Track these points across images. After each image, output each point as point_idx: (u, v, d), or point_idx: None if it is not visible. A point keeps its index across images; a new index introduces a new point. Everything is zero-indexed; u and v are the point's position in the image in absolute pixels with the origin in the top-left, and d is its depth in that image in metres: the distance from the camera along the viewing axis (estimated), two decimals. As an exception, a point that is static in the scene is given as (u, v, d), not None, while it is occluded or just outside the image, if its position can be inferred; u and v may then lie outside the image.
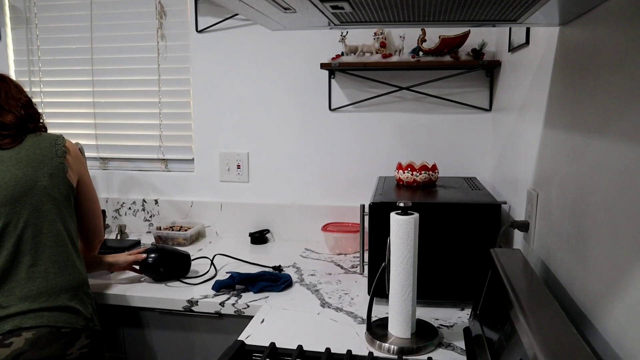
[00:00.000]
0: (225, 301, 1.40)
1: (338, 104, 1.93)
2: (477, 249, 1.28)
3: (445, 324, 1.24)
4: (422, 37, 1.73)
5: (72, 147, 1.39)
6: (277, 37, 1.92)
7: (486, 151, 1.85)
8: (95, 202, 1.47)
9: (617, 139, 0.73)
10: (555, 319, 0.75)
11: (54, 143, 1.35)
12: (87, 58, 2.10)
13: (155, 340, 1.48)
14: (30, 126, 1.35)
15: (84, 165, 1.43)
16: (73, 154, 1.38)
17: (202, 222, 2.06)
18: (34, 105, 1.39)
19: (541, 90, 1.16)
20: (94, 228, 1.48)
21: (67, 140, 1.39)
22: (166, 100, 2.07)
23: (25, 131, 1.33)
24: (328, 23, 0.99)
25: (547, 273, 1.07)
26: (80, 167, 1.40)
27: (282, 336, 1.18)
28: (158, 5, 2.01)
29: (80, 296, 1.29)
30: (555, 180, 1.03)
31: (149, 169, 2.13)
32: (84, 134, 2.14)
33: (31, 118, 1.36)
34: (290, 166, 1.99)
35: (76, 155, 1.39)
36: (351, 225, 1.91)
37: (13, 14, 2.13)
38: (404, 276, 1.11)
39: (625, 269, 0.70)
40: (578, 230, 0.89)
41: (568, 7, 0.84)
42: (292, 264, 1.72)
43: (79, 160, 1.40)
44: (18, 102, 1.34)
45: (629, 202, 0.70)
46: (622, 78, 0.73)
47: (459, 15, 0.90)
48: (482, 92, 1.83)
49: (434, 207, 1.30)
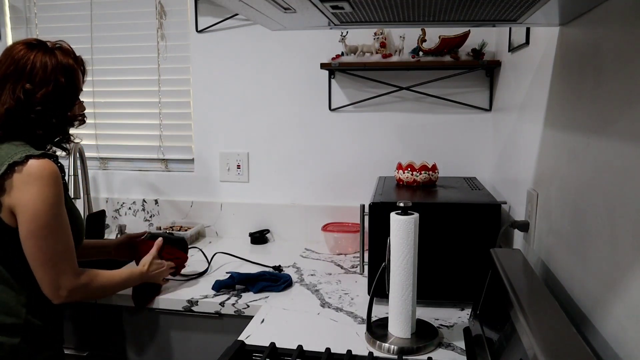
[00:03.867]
0: (225, 301, 1.40)
1: (338, 104, 1.93)
2: (477, 249, 1.28)
3: (445, 324, 1.24)
4: (422, 37, 1.73)
5: (32, 169, 1.10)
6: (277, 37, 1.92)
7: (486, 151, 1.85)
8: (38, 239, 1.11)
9: (617, 139, 0.73)
10: (555, 319, 0.75)
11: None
12: (87, 58, 2.08)
13: (155, 340, 1.48)
14: (39, 132, 1.19)
15: (37, 194, 1.10)
16: (22, 177, 1.10)
17: (202, 222, 2.06)
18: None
19: (541, 90, 1.16)
20: (35, 273, 1.13)
21: (32, 160, 1.11)
22: (166, 100, 2.07)
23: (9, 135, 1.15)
24: (328, 23, 0.99)
25: (547, 273, 1.07)
26: (23, 195, 1.10)
27: (282, 336, 1.18)
28: (158, 5, 2.01)
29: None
30: (555, 180, 1.03)
31: (149, 169, 2.13)
32: (84, 134, 2.14)
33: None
34: (290, 166, 1.99)
35: (26, 181, 1.10)
36: (351, 225, 1.91)
37: (13, 14, 2.13)
38: (404, 276, 1.11)
39: (625, 269, 0.70)
40: (578, 230, 0.89)
41: (568, 7, 0.84)
42: (292, 264, 1.72)
43: (26, 186, 1.10)
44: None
45: (629, 202, 0.69)
46: (622, 78, 0.73)
47: (459, 15, 0.90)
48: (482, 92, 1.83)
49: (434, 207, 1.30)
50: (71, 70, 1.21)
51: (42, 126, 1.19)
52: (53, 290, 1.15)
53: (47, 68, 1.16)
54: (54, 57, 1.18)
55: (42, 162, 1.12)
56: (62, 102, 1.20)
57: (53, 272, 1.14)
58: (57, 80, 1.17)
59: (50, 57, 1.17)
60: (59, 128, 1.24)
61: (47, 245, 1.12)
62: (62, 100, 1.20)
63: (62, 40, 1.23)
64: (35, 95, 1.15)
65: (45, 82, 1.16)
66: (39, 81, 1.16)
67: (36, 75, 1.15)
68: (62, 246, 1.15)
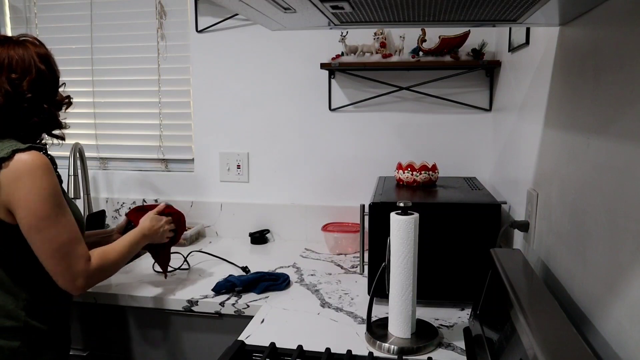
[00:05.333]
0: (225, 301, 1.40)
1: (338, 104, 1.93)
2: (477, 249, 1.28)
3: (445, 324, 1.24)
4: (422, 37, 1.73)
5: (20, 163, 1.09)
6: (277, 37, 1.92)
7: (486, 151, 1.85)
8: (40, 232, 1.10)
9: (617, 139, 0.73)
10: (555, 319, 0.75)
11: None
12: (87, 58, 2.10)
13: (156, 340, 1.48)
14: (35, 120, 1.17)
15: (31, 187, 1.08)
16: (11, 173, 1.08)
17: (202, 222, 2.06)
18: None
19: (541, 90, 1.16)
20: (47, 268, 1.13)
21: (21, 154, 1.09)
22: (166, 100, 2.07)
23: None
24: (328, 23, 0.99)
25: (547, 273, 1.07)
26: (16, 191, 1.08)
27: (282, 336, 1.18)
28: (158, 5, 2.01)
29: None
30: (555, 180, 1.03)
31: (149, 169, 2.13)
32: (84, 134, 2.14)
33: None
34: (290, 166, 1.99)
35: (16, 176, 1.08)
36: (351, 225, 1.91)
37: (13, 14, 2.13)
38: (404, 276, 1.11)
39: (625, 269, 0.70)
40: (578, 230, 0.89)
41: (568, 7, 0.84)
42: (292, 264, 1.72)
43: (18, 181, 1.08)
44: None
45: (629, 202, 0.69)
46: (622, 78, 0.73)
47: (459, 15, 0.90)
48: (482, 92, 1.83)
49: (434, 207, 1.30)
50: (47, 57, 1.21)
51: (37, 113, 1.18)
52: (70, 282, 1.13)
53: (25, 58, 1.16)
54: (27, 48, 1.18)
55: (30, 154, 1.10)
56: (47, 87, 1.20)
57: (65, 263, 1.12)
58: (38, 68, 1.17)
59: (24, 49, 1.17)
60: (52, 114, 1.22)
61: (51, 237, 1.10)
62: (46, 86, 1.20)
63: (25, 34, 1.24)
64: (21, 84, 1.14)
65: (28, 71, 1.16)
66: (22, 71, 1.15)
67: (17, 66, 1.15)
68: (68, 235, 1.12)
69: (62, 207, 1.14)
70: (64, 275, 1.12)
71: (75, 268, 1.13)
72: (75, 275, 1.13)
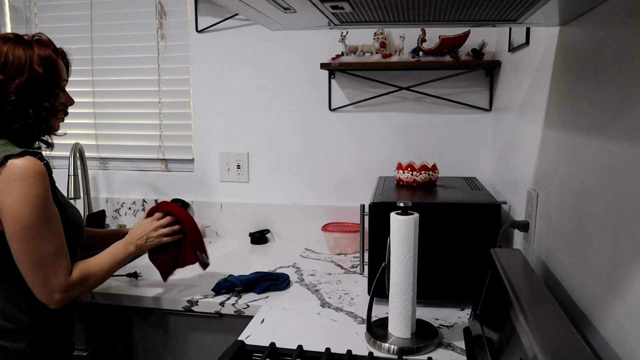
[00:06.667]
0: (225, 301, 1.40)
1: (338, 104, 1.93)
2: (477, 249, 1.28)
3: (445, 324, 1.24)
4: (422, 37, 1.73)
5: (12, 169, 1.06)
6: (277, 37, 1.92)
7: (486, 151, 1.85)
8: (21, 242, 1.06)
9: (617, 139, 0.73)
10: (555, 319, 0.75)
11: None
12: (87, 58, 2.10)
13: (156, 340, 1.48)
14: (15, 126, 1.13)
15: (20, 195, 1.05)
16: (3, 179, 1.05)
17: (202, 222, 2.06)
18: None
19: (541, 90, 1.16)
20: (25, 278, 1.09)
21: (15, 159, 1.06)
22: (166, 100, 2.07)
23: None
24: (328, 23, 0.99)
25: (547, 273, 1.07)
26: (5, 198, 1.05)
27: (282, 336, 1.18)
28: (158, 5, 2.01)
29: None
30: (555, 180, 1.03)
31: (149, 169, 2.13)
32: (84, 134, 2.14)
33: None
34: (290, 166, 1.99)
35: (7, 183, 1.06)
36: (351, 225, 1.91)
37: (13, 14, 2.13)
38: (404, 276, 1.11)
39: (625, 269, 0.70)
40: (578, 230, 0.89)
41: (568, 7, 0.84)
42: (292, 264, 1.72)
43: (8, 188, 1.06)
44: None
45: (629, 202, 0.70)
46: (622, 78, 0.73)
47: (459, 15, 0.90)
48: (482, 92, 1.83)
49: (434, 207, 1.30)
50: (50, 61, 1.16)
51: (19, 118, 1.13)
52: (47, 295, 1.10)
53: (22, 59, 1.12)
54: (31, 49, 1.14)
55: (23, 160, 1.06)
56: (39, 92, 1.15)
57: (42, 275, 1.08)
58: (34, 71, 1.13)
59: (26, 49, 1.14)
60: (37, 119, 1.16)
61: (32, 248, 1.07)
62: (38, 91, 1.15)
63: (40, 33, 1.20)
64: (7, 86, 1.10)
65: (19, 73, 1.11)
66: (13, 72, 1.11)
67: (10, 67, 1.11)
68: (51, 247, 1.09)
69: (49, 217, 1.10)
70: (41, 288, 1.10)
71: (53, 282, 1.10)
72: (52, 289, 1.10)
